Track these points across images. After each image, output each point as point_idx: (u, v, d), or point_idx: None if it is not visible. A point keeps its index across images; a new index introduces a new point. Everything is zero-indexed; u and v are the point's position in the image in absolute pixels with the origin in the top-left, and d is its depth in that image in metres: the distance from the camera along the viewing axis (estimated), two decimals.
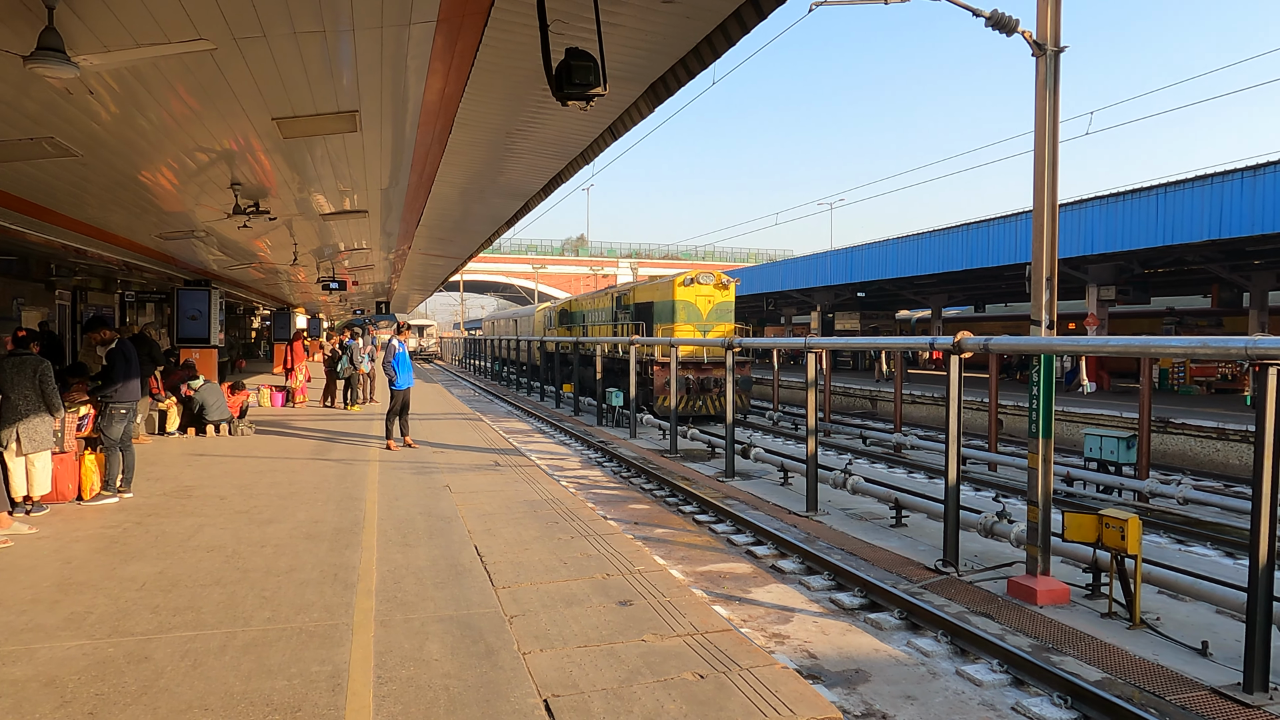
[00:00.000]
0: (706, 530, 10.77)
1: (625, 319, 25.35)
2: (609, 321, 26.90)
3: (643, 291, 24.71)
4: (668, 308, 22.02)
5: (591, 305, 30.65)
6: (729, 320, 22.49)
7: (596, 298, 30.44)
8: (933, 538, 9.68)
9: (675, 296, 21.68)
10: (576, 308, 32.44)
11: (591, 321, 29.48)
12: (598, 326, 28.21)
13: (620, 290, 27.11)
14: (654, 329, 22.69)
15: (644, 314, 23.78)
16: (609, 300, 27.85)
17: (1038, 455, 7.86)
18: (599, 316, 28.66)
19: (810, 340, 11.91)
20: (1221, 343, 6.45)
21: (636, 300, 24.85)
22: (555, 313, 34.41)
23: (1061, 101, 8.17)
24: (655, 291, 23.49)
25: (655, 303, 23.02)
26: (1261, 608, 5.69)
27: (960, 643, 6.63)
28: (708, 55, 5.51)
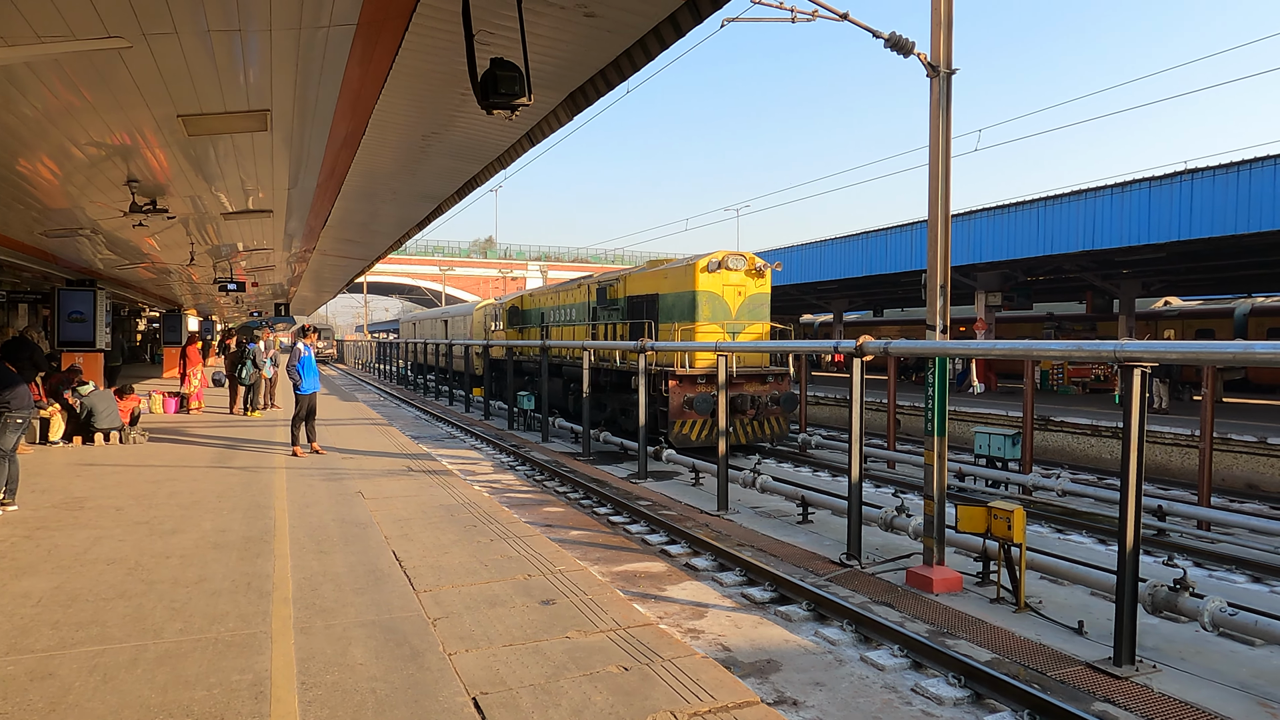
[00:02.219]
0: (621, 531, 10.93)
1: (611, 318, 19.79)
2: (585, 320, 21.37)
3: (641, 280, 18.87)
4: (684, 301, 16.76)
5: (555, 301, 24.35)
6: (764, 317, 17.15)
7: (564, 291, 23.71)
8: (837, 533, 10.13)
9: (696, 286, 16.41)
10: (533, 304, 26.52)
11: (556, 321, 23.78)
12: (567, 327, 22.69)
13: (604, 280, 20.91)
14: (657, 330, 17.37)
15: (641, 310, 18.46)
16: (584, 293, 21.76)
17: (933, 452, 8.37)
18: (568, 315, 22.97)
19: (720, 344, 12.26)
20: (1094, 346, 7.06)
21: (630, 292, 19.15)
22: (503, 311, 27.61)
23: (954, 119, 8.73)
24: (662, 280, 17.79)
25: (663, 295, 17.58)
26: (1129, 589, 6.26)
27: (864, 631, 7.02)
28: (626, 68, 5.68)
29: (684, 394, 15.94)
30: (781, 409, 16.88)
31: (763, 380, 16.71)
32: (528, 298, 27.42)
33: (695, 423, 16.11)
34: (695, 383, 16.20)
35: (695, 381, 16.19)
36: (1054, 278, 26.41)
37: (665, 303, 17.42)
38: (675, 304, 17.08)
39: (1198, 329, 29.28)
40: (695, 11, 4.75)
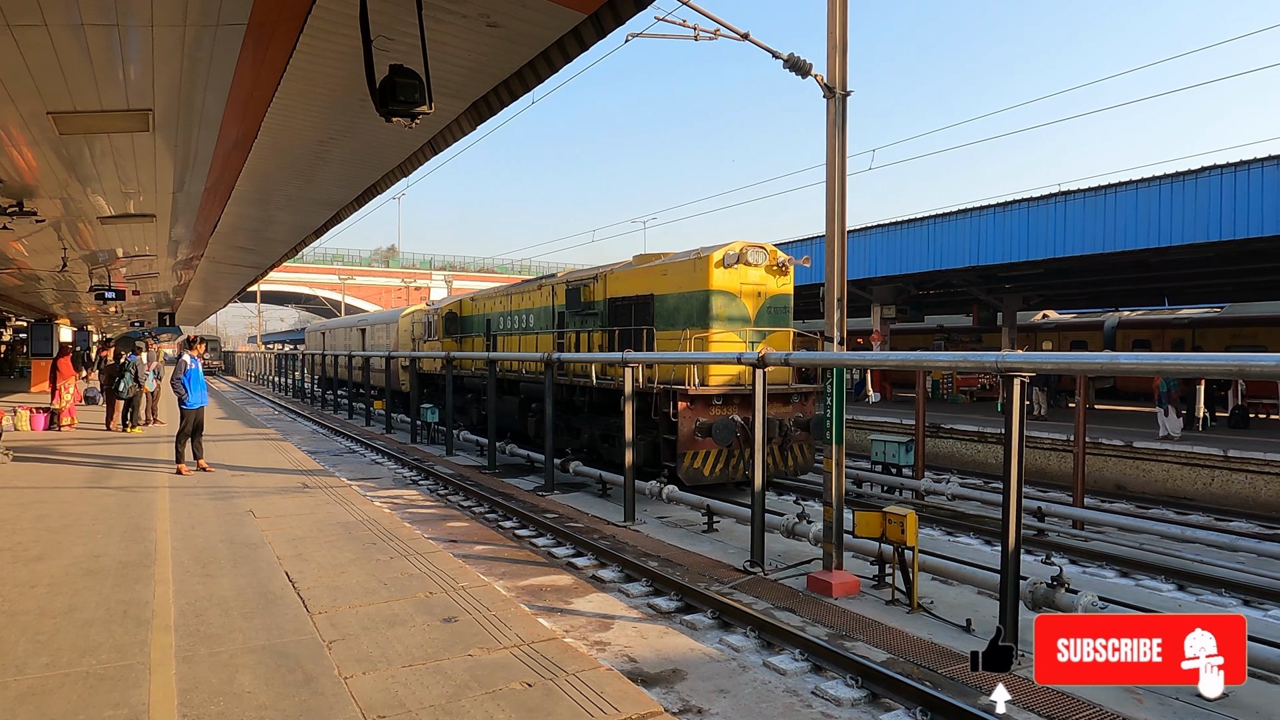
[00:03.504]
0: (528, 544, 10.81)
1: (587, 324, 16.47)
2: (548, 327, 18.04)
3: (628, 279, 15.36)
4: (693, 304, 13.61)
5: (506, 305, 20.69)
6: (787, 323, 14.25)
7: (518, 293, 20.13)
8: (742, 540, 10.30)
9: (710, 284, 13.34)
10: (476, 310, 22.91)
11: (508, 328, 20.27)
12: (525, 336, 19.16)
13: (575, 279, 17.34)
14: (653, 338, 14.11)
15: (628, 314, 15.16)
16: (546, 296, 18.42)
17: (832, 460, 8.63)
18: (523, 321, 19.51)
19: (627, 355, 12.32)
20: (978, 357, 7.45)
21: (613, 293, 15.69)
22: (439, 318, 23.87)
23: (850, 139, 9.08)
24: (658, 278, 14.50)
25: (660, 296, 14.33)
26: (1011, 587, 6.61)
27: (767, 636, 7.15)
28: (530, 79, 5.66)
29: (696, 418, 12.91)
30: (809, 435, 13.76)
31: (786, 400, 13.85)
32: (469, 302, 23.72)
33: (710, 454, 13.02)
34: (710, 404, 13.08)
35: (710, 402, 13.07)
36: (943, 292, 27.72)
37: (664, 305, 14.17)
38: (679, 306, 13.86)
39: (1072, 340, 31.30)
40: (598, 26, 4.79)
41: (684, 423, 12.88)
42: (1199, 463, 14.93)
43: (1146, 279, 23.62)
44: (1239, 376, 6.56)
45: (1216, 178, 15.02)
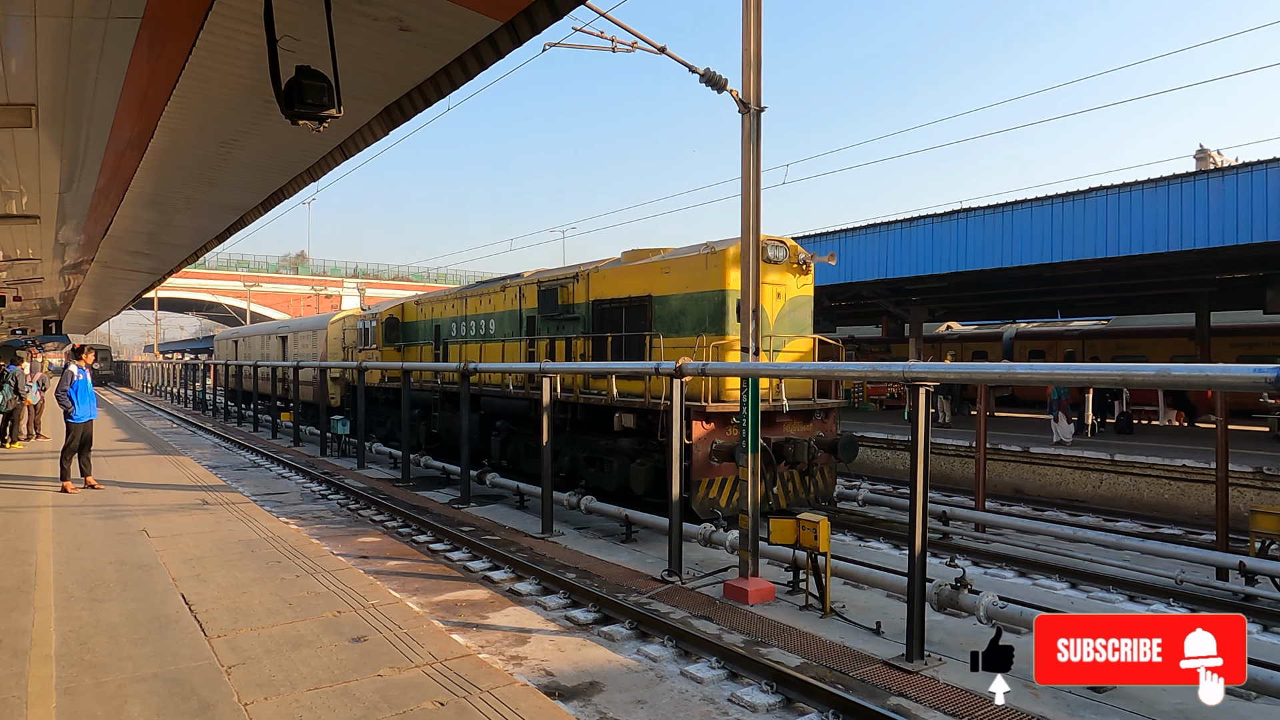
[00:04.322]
0: (442, 559, 10.58)
1: (565, 330, 14.52)
2: (516, 334, 16.06)
3: (619, 278, 13.49)
4: (705, 306, 11.83)
5: (460, 310, 18.51)
6: (807, 329, 12.67)
7: (475, 296, 17.98)
8: (660, 549, 10.34)
9: (727, 284, 11.51)
10: (422, 315, 20.53)
11: (463, 335, 18.17)
12: (486, 344, 16.83)
13: (551, 279, 15.19)
14: (648, 346, 12.40)
15: (618, 318, 13.36)
16: (512, 298, 16.33)
17: (748, 468, 8.76)
18: (483, 328, 17.42)
19: (545, 365, 12.23)
20: (887, 367, 7.70)
21: (599, 295, 13.82)
22: (378, 325, 21.67)
23: (765, 153, 9.27)
24: (658, 276, 12.66)
25: (662, 298, 12.54)
26: (918, 590, 6.83)
27: (684, 645, 7.19)
28: (445, 85, 5.58)
29: (714, 440, 11.10)
30: (836, 457, 12.01)
31: (807, 417, 12.33)
32: (413, 307, 21.30)
33: (727, 482, 11.39)
34: (729, 422, 11.31)
35: (729, 421, 11.31)
36: (854, 304, 28.54)
37: (666, 308, 12.41)
38: (686, 309, 12.08)
39: (974, 351, 32.72)
40: (514, 34, 4.75)
41: (699, 446, 10.97)
42: (1089, 467, 15.80)
43: (1041, 293, 24.89)
44: (1122, 385, 6.99)
45: (1103, 198, 15.99)
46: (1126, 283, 22.10)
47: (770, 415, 11.39)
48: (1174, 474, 14.54)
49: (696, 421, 11.00)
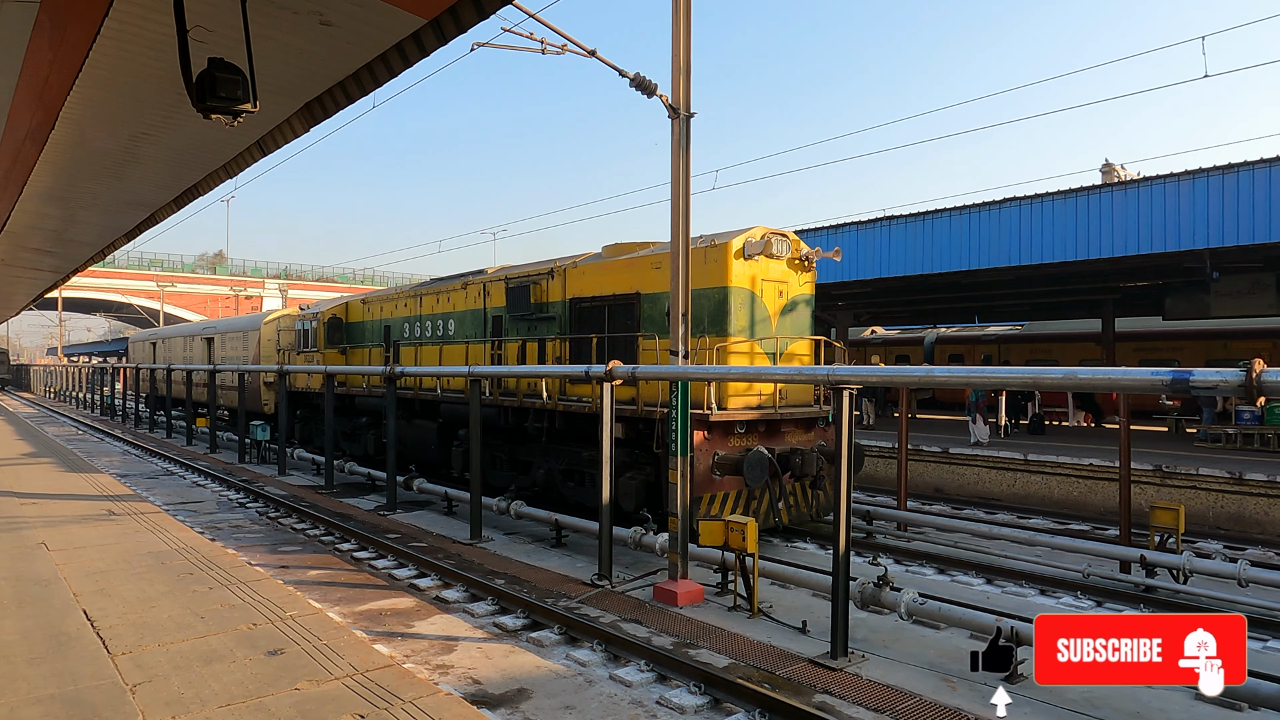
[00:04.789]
0: (367, 567, 10.32)
1: (539, 331, 13.47)
2: (479, 334, 14.94)
3: (601, 274, 12.50)
4: (705, 304, 10.94)
5: (414, 309, 17.17)
6: (808, 329, 12.04)
7: (430, 294, 16.72)
8: (590, 553, 10.30)
9: (729, 280, 10.82)
10: (369, 315, 19.03)
11: (418, 337, 16.92)
12: (446, 346, 15.69)
13: (521, 275, 14.13)
14: (639, 348, 11.48)
15: (599, 317, 12.42)
16: (475, 296, 15.19)
17: (677, 471, 8.81)
18: (440, 328, 16.19)
19: (474, 369, 12.07)
20: (811, 370, 7.85)
21: (577, 292, 12.86)
22: (319, 325, 19.95)
23: (695, 159, 9.35)
24: (648, 272, 11.76)
25: (650, 297, 11.68)
26: (842, 589, 6.97)
27: (613, 649, 7.18)
28: (368, 82, 5.45)
29: (715, 451, 10.28)
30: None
31: (808, 426, 11.53)
32: (359, 306, 19.85)
33: (729, 498, 10.56)
34: (732, 432, 10.59)
35: (732, 430, 10.59)
36: None
37: (660, 306, 11.34)
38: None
39: (897, 355, 33.67)
40: (439, 32, 4.68)
41: (700, 457, 10.10)
42: (1004, 466, 16.42)
43: (960, 299, 25.79)
44: (1033, 388, 7.30)
45: (1015, 209, 16.68)
46: (1039, 289, 23.07)
47: (775, 424, 10.98)
48: (1082, 473, 15.24)
49: (697, 431, 10.07)
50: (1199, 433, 19.08)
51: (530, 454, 12.88)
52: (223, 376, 24.72)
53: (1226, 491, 13.38)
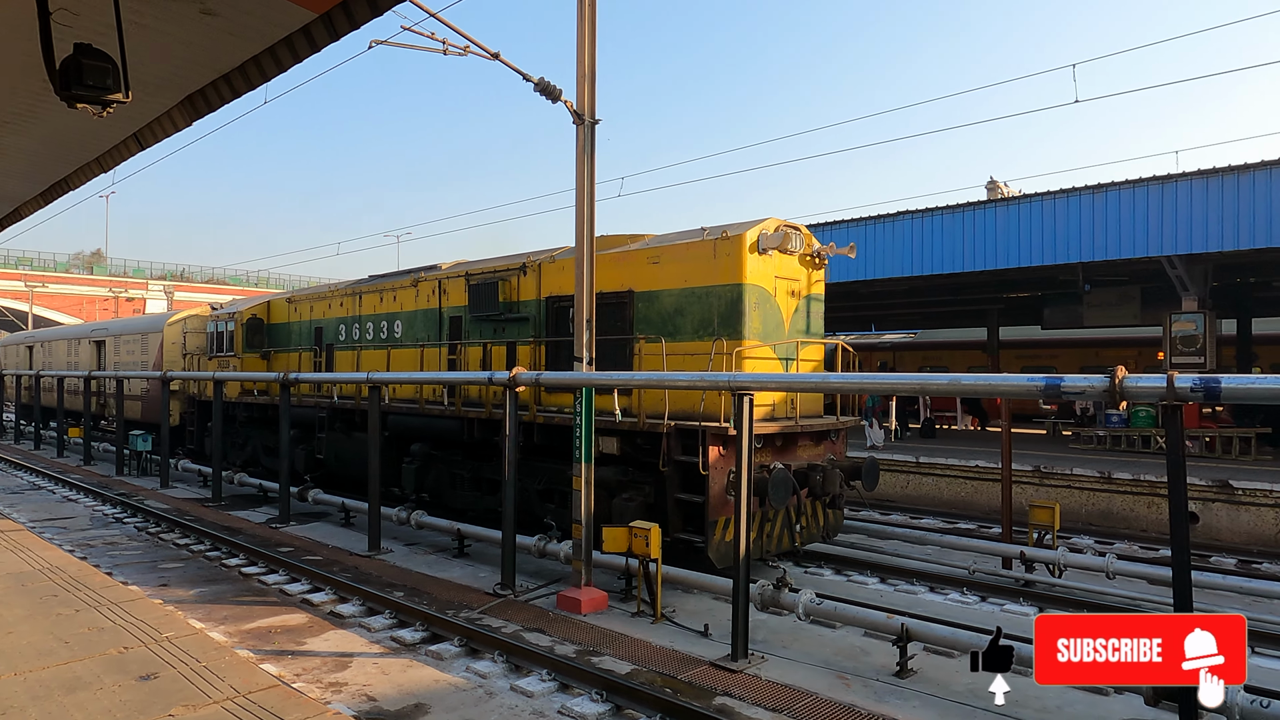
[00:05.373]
0: (256, 583, 9.85)
1: (509, 333, 12.14)
2: (434, 338, 13.46)
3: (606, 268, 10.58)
4: (713, 304, 9.88)
5: (352, 308, 15.50)
6: (820, 332, 11.28)
7: (372, 292, 15.09)
8: (495, 563, 10.14)
9: (743, 277, 9.68)
10: (297, 315, 17.23)
11: (356, 340, 15.21)
12: (398, 350, 14.02)
13: (486, 271, 12.73)
14: (633, 353, 10.45)
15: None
16: (428, 295, 13.77)
17: (581, 478, 8.77)
18: (385, 330, 14.59)
19: (373, 375, 11.72)
20: (713, 377, 7.96)
21: (554, 291, 11.53)
22: (238, 326, 17.95)
23: (600, 165, 9.35)
24: (647, 268, 10.60)
25: (645, 295, 10.57)
26: (742, 591, 7.09)
27: (515, 660, 7.08)
28: (256, 76, 5.21)
29: (730, 469, 9.01)
30: (860, 483, 10.39)
31: (818, 438, 10.57)
32: (283, 305, 17.92)
33: None
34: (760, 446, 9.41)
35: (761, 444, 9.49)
36: None
37: (655, 306, 10.38)
38: (685, 308, 10.08)
39: None
40: (331, 28, 4.52)
41: (715, 476, 9.04)
42: (897, 469, 17.08)
43: (858, 307, 26.75)
44: (921, 393, 7.62)
45: (909, 221, 17.43)
46: (930, 299, 24.15)
47: (792, 437, 10.01)
48: (969, 474, 16.01)
49: (713, 447, 9.02)
50: (1073, 435, 20.35)
51: (500, 471, 10.81)
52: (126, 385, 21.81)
53: (1097, 490, 14.31)
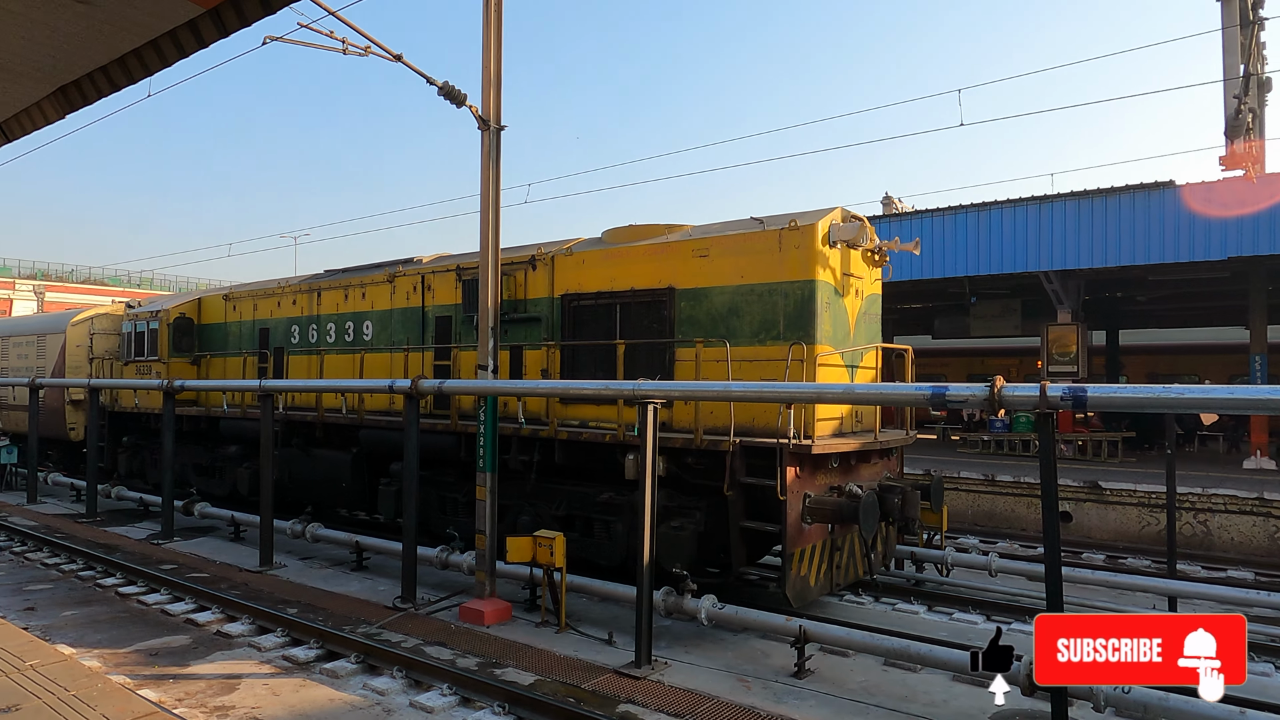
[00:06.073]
0: (135, 603, 9.29)
1: (515, 335, 10.64)
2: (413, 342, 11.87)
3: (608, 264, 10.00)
4: (778, 302, 8.65)
5: (311, 308, 13.78)
6: (878, 334, 9.95)
7: (340, 288, 13.33)
8: (395, 575, 9.88)
9: (815, 272, 8.50)
10: (237, 315, 15.31)
11: (316, 343, 13.50)
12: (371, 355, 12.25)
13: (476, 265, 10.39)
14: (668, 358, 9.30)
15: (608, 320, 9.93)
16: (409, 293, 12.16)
17: (485, 487, 8.67)
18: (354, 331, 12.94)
19: (265, 383, 11.26)
20: (618, 385, 8.01)
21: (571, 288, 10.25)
22: (164, 326, 15.70)
23: (507, 172, 9.28)
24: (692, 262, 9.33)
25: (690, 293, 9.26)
26: (645, 599, 7.15)
27: (415, 675, 6.92)
28: (137, 70, 4.94)
29: (806, 491, 8.08)
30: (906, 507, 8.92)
31: (884, 454, 9.53)
32: (218, 303, 15.82)
33: (817, 550, 8.34)
34: (822, 467, 8.43)
35: (822, 465, 8.44)
36: None
37: (705, 305, 9.13)
38: (742, 307, 8.87)
39: None
40: (220, 24, 4.34)
41: (794, 501, 7.89)
42: None
43: None
44: (818, 402, 7.85)
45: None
46: None
47: (866, 455, 8.99)
48: None
49: (791, 470, 7.86)
50: (961, 439, 21.41)
51: (507, 497, 9.74)
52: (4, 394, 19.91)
53: (982, 492, 15.10)
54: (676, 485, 8.73)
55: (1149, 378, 27.30)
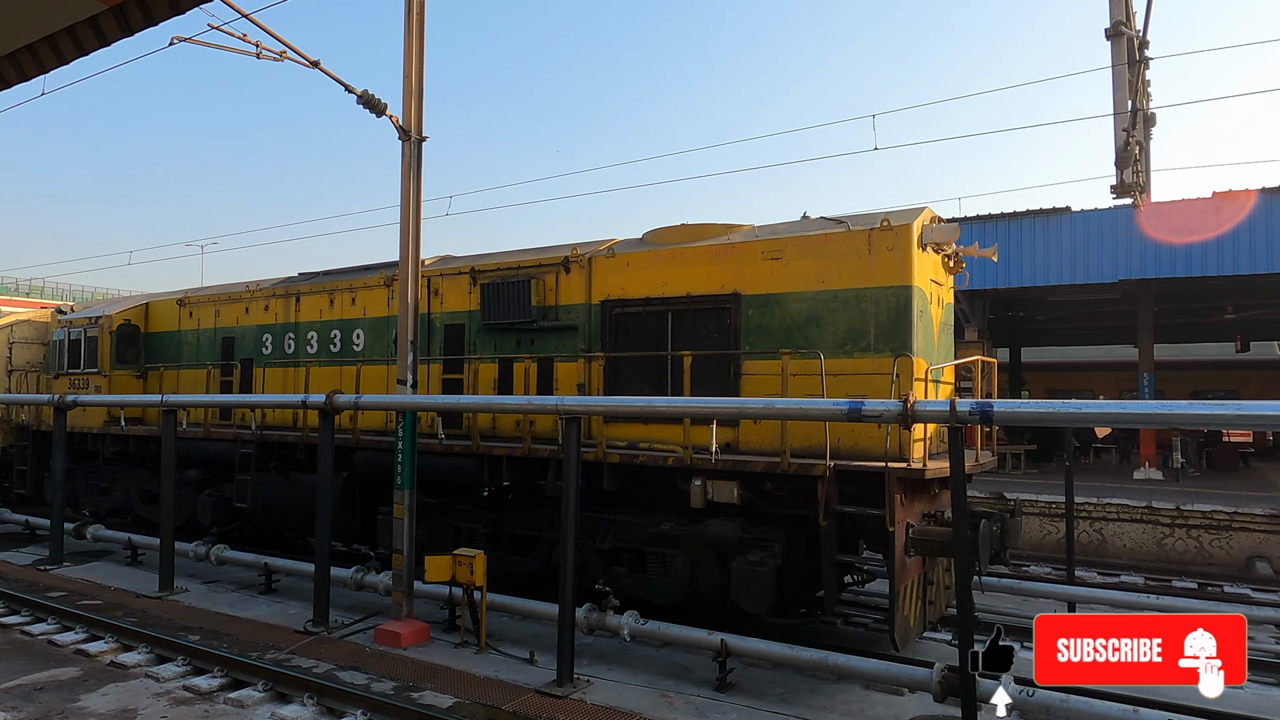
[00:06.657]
0: (18, 634, 8.67)
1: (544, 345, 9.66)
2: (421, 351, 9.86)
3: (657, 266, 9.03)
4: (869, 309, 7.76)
5: (286, 314, 12.37)
6: (951, 345, 9.37)
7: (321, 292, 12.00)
8: (306, 598, 9.51)
9: (912, 278, 7.68)
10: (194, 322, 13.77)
11: (294, 354, 12.09)
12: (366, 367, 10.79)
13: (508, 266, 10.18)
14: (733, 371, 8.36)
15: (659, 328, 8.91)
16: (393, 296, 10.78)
17: (403, 505, 8.45)
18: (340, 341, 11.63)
19: (168, 398, 10.73)
20: (542, 400, 7.95)
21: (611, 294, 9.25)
22: (106, 334, 14.07)
23: (429, 183, 9.13)
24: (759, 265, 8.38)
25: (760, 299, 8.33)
26: (568, 617, 7.08)
27: (328, 701, 6.68)
28: (31, 67, 4.67)
29: (908, 522, 7.17)
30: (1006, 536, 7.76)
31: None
32: (169, 308, 14.21)
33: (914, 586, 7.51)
34: (922, 492, 7.69)
35: (923, 490, 7.70)
36: None
37: (778, 313, 8.24)
38: (823, 315, 8.02)
39: None
40: (124, 22, 4.15)
41: (899, 534, 6.98)
42: None
43: None
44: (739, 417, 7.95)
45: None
46: None
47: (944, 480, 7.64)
48: None
49: (898, 495, 6.96)
50: None
51: (541, 525, 9.02)
52: None
53: None
54: (749, 514, 7.84)
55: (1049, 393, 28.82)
